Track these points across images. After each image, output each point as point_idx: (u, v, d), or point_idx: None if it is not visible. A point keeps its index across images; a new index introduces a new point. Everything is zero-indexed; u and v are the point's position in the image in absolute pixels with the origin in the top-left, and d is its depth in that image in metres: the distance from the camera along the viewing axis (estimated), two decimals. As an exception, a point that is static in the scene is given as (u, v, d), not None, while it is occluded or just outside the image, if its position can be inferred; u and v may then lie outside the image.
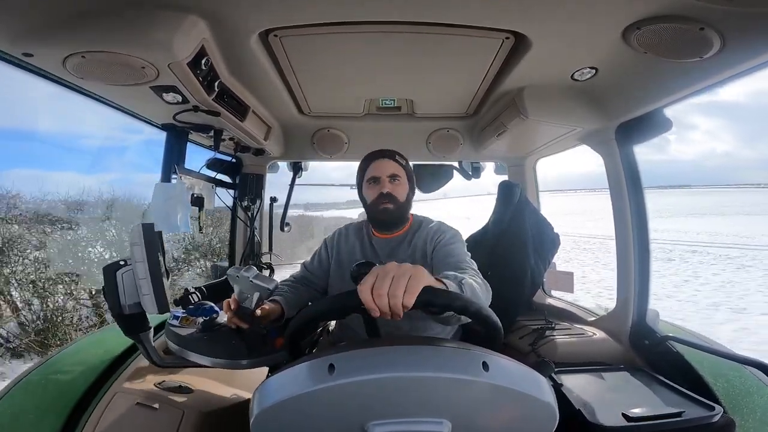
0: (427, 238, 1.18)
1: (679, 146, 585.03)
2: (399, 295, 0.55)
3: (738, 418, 0.92)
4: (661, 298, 6.49)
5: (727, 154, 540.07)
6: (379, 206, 1.18)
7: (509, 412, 0.55)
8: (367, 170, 1.22)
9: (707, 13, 0.74)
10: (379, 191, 1.18)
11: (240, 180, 1.89)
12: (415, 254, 1.17)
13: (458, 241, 1.15)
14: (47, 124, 23.05)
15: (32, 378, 1.04)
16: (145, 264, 0.82)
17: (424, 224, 1.24)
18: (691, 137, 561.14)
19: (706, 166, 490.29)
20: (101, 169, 18.99)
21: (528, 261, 1.57)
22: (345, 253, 1.26)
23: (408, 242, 1.20)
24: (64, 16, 0.76)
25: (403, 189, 1.21)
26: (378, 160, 1.21)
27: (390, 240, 1.23)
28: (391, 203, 1.17)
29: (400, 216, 1.21)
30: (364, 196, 1.23)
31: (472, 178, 2.04)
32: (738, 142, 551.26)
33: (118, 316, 0.90)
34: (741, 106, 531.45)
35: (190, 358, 0.99)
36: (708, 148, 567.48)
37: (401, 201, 1.19)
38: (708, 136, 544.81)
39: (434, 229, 1.20)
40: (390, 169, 1.19)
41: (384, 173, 1.19)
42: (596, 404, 0.96)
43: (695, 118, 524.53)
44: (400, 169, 1.21)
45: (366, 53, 1.07)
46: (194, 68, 0.91)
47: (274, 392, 0.53)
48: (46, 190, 5.49)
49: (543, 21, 0.87)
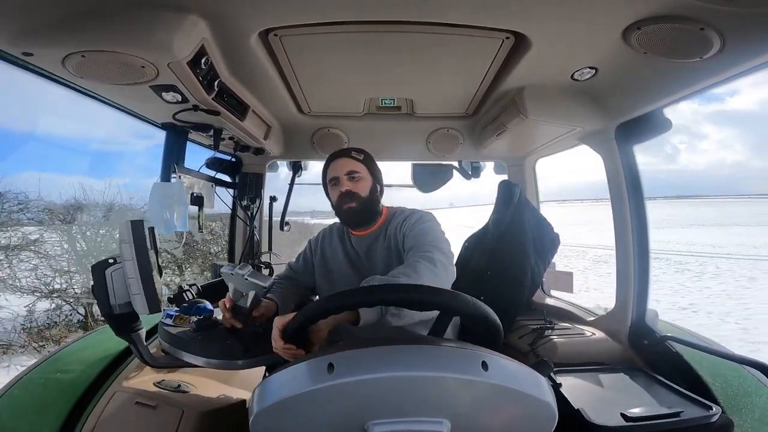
0: (397, 227, 1.16)
1: (690, 156, 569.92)
2: (277, 347, 0.76)
3: (736, 418, 0.92)
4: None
5: (738, 164, 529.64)
6: (342, 206, 1.17)
7: (508, 411, 0.55)
8: (327, 172, 1.21)
9: (707, 13, 0.74)
10: (339, 191, 1.17)
11: (240, 179, 1.89)
12: (390, 247, 1.16)
13: (423, 222, 1.12)
14: (56, 127, 22.91)
15: (32, 377, 1.04)
16: (135, 262, 0.81)
17: (397, 214, 1.21)
18: (702, 147, 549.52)
19: (717, 176, 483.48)
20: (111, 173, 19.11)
21: (528, 261, 1.57)
22: (330, 253, 1.27)
23: (383, 236, 1.19)
24: (64, 15, 0.76)
25: (364, 184, 1.18)
26: (335, 160, 1.20)
27: (366, 237, 1.22)
28: (352, 201, 1.15)
29: (365, 212, 1.18)
30: (330, 198, 1.23)
31: (472, 178, 2.04)
32: (749, 151, 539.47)
33: (107, 316, 0.89)
34: (752, 115, 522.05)
35: (183, 358, 0.97)
36: (719, 157, 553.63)
37: (363, 196, 1.17)
38: (719, 146, 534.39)
39: (403, 216, 1.18)
40: (347, 167, 1.17)
41: (341, 172, 1.17)
42: (595, 404, 0.96)
43: (706, 127, 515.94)
44: (358, 164, 1.18)
45: (366, 53, 1.07)
46: (194, 68, 0.91)
47: (273, 391, 0.53)
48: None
49: (543, 21, 0.87)
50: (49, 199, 5.54)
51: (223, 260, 2.07)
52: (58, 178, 10.55)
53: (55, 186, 7.99)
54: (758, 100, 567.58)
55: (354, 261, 1.23)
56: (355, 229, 1.24)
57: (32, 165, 14.94)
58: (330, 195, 1.22)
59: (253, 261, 1.91)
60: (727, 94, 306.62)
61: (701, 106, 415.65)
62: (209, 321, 1.05)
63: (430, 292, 0.64)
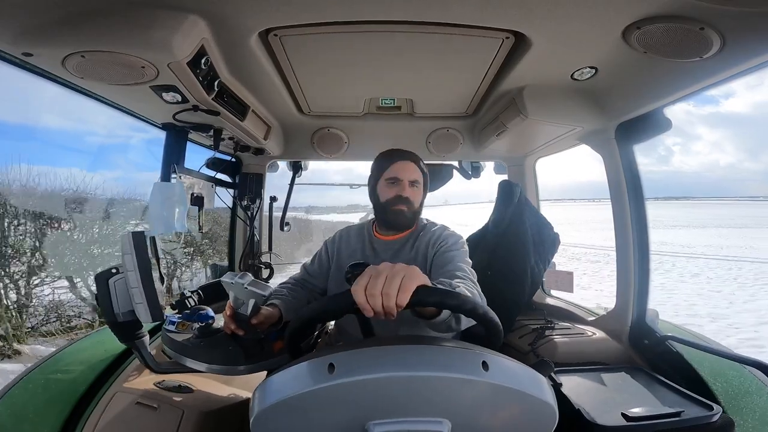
0: (429, 242, 1.16)
1: (683, 157, 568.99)
2: (392, 294, 0.55)
3: (737, 418, 0.92)
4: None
5: (730, 165, 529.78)
6: (393, 207, 1.16)
7: (509, 411, 0.55)
8: (388, 169, 1.19)
9: (707, 13, 0.74)
10: (397, 193, 1.16)
11: (240, 179, 1.88)
12: (417, 257, 1.16)
13: (459, 249, 1.13)
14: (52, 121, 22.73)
15: (33, 377, 1.04)
16: (137, 273, 0.83)
17: (428, 227, 1.22)
18: (695, 149, 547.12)
19: (710, 178, 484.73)
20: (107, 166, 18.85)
21: (528, 260, 1.57)
22: (346, 255, 1.25)
23: (411, 245, 1.19)
24: (64, 15, 0.76)
25: (420, 195, 1.20)
26: (402, 161, 1.19)
27: (393, 242, 1.21)
28: (405, 206, 1.16)
29: (412, 220, 1.19)
30: (379, 193, 1.21)
31: (472, 178, 2.04)
32: (741, 153, 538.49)
33: (111, 324, 0.91)
34: (745, 117, 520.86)
35: (186, 364, 0.98)
36: (712, 159, 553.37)
37: (416, 207, 1.18)
38: (712, 148, 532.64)
39: (437, 233, 1.18)
40: (413, 174, 1.18)
41: (406, 177, 1.17)
42: (596, 404, 0.96)
43: (700, 128, 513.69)
44: (421, 175, 1.20)
45: (366, 53, 1.07)
46: (194, 68, 0.91)
47: (274, 391, 0.53)
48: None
49: (543, 21, 0.87)
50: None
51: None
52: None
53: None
54: (753, 103, 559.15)
55: (375, 264, 1.21)
56: (385, 232, 1.23)
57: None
58: (381, 190, 1.20)
59: (253, 261, 1.91)
60: (721, 96, 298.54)
61: (695, 108, 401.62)
62: (211, 327, 1.06)
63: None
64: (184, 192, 1.30)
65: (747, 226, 21.96)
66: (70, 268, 4.77)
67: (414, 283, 0.57)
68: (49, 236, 4.67)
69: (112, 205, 5.44)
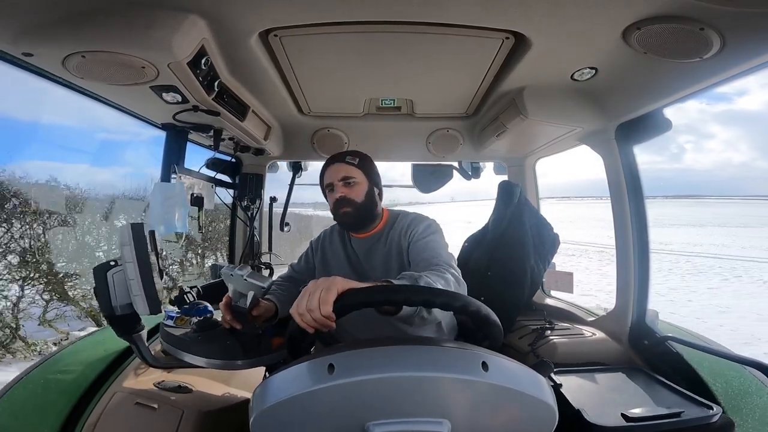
0: (401, 232, 1.16)
1: (696, 155, 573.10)
2: (315, 308, 0.60)
3: (737, 419, 0.92)
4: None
5: (743, 164, 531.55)
6: (338, 212, 1.17)
7: (509, 411, 0.55)
8: (324, 178, 1.20)
9: (707, 13, 0.74)
10: (334, 198, 1.16)
11: (240, 180, 1.89)
12: (391, 251, 1.16)
13: (432, 233, 1.12)
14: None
15: (32, 377, 1.04)
16: (135, 264, 0.82)
17: (400, 218, 1.21)
18: (708, 146, 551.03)
19: (720, 176, 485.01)
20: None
21: (528, 261, 1.57)
22: (330, 254, 1.27)
23: (384, 240, 1.19)
24: (64, 15, 0.76)
25: (360, 189, 1.17)
26: (330, 165, 1.19)
27: (366, 239, 1.22)
28: (348, 206, 1.15)
29: (362, 217, 1.18)
30: (328, 203, 1.23)
31: (472, 178, 2.04)
32: (754, 152, 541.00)
33: (109, 318, 0.90)
34: (760, 115, 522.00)
35: (184, 358, 0.98)
36: (725, 157, 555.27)
37: (359, 201, 1.16)
38: (726, 146, 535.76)
39: (407, 222, 1.17)
40: (341, 173, 1.16)
41: (335, 178, 1.16)
42: (595, 404, 0.96)
43: (713, 127, 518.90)
44: (353, 169, 1.17)
45: (366, 53, 1.07)
46: (194, 68, 0.91)
47: (273, 392, 0.53)
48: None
49: (543, 21, 0.87)
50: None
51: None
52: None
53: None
54: (766, 101, 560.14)
55: (353, 262, 1.23)
56: (355, 232, 1.24)
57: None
58: (327, 200, 1.22)
59: (253, 261, 1.91)
60: (735, 94, 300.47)
61: (708, 106, 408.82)
62: (209, 322, 1.06)
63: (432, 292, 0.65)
64: (184, 192, 1.30)
65: (749, 225, 22.04)
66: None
67: (332, 293, 0.61)
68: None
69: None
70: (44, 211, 4.41)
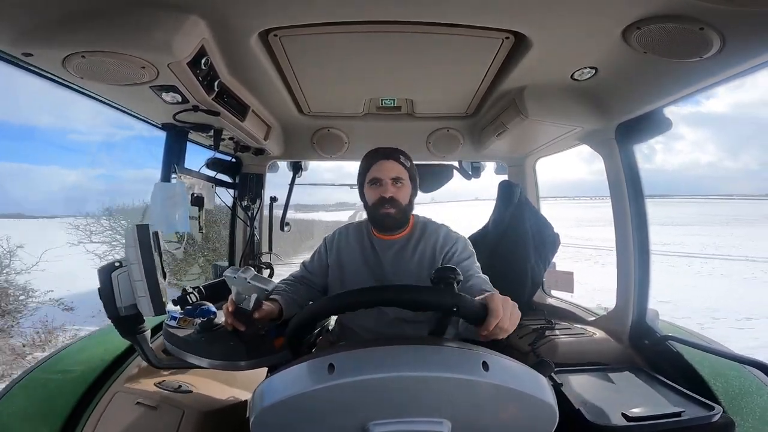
0: (436, 245, 1.16)
1: (666, 156, 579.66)
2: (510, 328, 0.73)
3: (737, 418, 0.92)
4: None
5: (710, 164, 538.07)
6: (380, 210, 1.14)
7: (509, 411, 0.55)
8: (369, 171, 1.16)
9: (707, 13, 0.74)
10: (380, 195, 1.13)
11: (240, 180, 1.88)
12: (423, 261, 1.15)
13: (471, 254, 1.15)
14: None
15: (33, 377, 1.04)
16: (140, 266, 0.83)
17: (429, 228, 1.21)
18: (678, 147, 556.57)
19: (689, 176, 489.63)
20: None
21: (528, 261, 1.58)
22: (345, 253, 1.24)
23: (413, 247, 1.18)
24: (64, 16, 0.76)
25: (406, 192, 1.16)
26: (381, 161, 1.15)
27: (392, 242, 1.20)
28: (392, 208, 1.13)
29: (402, 220, 1.18)
30: (365, 197, 1.20)
31: (472, 178, 2.04)
32: (722, 152, 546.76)
33: (113, 318, 0.90)
34: (726, 117, 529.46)
35: (187, 359, 0.98)
36: (693, 158, 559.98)
37: (404, 205, 1.15)
38: (693, 147, 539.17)
39: (443, 236, 1.17)
40: (393, 172, 1.14)
41: (387, 176, 1.14)
42: (596, 404, 0.96)
43: (682, 128, 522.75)
44: (404, 171, 1.16)
45: (366, 53, 1.07)
46: (194, 68, 0.91)
47: (274, 392, 0.53)
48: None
49: (543, 21, 0.87)
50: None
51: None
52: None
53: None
54: (733, 103, 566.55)
55: (370, 262, 1.20)
56: (382, 232, 1.22)
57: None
58: (367, 194, 1.18)
59: (253, 261, 1.91)
60: (703, 97, 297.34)
61: (678, 108, 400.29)
62: (212, 323, 1.06)
63: (430, 292, 0.64)
64: (184, 192, 1.30)
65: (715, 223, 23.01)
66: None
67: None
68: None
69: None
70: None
